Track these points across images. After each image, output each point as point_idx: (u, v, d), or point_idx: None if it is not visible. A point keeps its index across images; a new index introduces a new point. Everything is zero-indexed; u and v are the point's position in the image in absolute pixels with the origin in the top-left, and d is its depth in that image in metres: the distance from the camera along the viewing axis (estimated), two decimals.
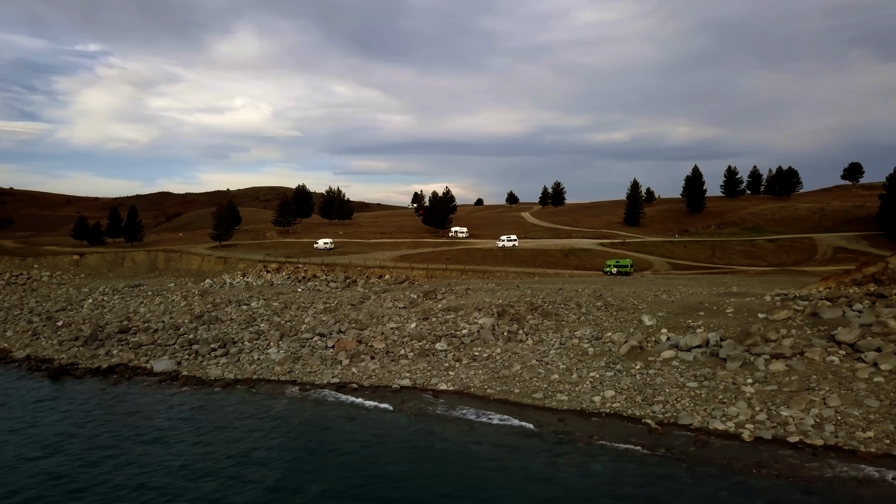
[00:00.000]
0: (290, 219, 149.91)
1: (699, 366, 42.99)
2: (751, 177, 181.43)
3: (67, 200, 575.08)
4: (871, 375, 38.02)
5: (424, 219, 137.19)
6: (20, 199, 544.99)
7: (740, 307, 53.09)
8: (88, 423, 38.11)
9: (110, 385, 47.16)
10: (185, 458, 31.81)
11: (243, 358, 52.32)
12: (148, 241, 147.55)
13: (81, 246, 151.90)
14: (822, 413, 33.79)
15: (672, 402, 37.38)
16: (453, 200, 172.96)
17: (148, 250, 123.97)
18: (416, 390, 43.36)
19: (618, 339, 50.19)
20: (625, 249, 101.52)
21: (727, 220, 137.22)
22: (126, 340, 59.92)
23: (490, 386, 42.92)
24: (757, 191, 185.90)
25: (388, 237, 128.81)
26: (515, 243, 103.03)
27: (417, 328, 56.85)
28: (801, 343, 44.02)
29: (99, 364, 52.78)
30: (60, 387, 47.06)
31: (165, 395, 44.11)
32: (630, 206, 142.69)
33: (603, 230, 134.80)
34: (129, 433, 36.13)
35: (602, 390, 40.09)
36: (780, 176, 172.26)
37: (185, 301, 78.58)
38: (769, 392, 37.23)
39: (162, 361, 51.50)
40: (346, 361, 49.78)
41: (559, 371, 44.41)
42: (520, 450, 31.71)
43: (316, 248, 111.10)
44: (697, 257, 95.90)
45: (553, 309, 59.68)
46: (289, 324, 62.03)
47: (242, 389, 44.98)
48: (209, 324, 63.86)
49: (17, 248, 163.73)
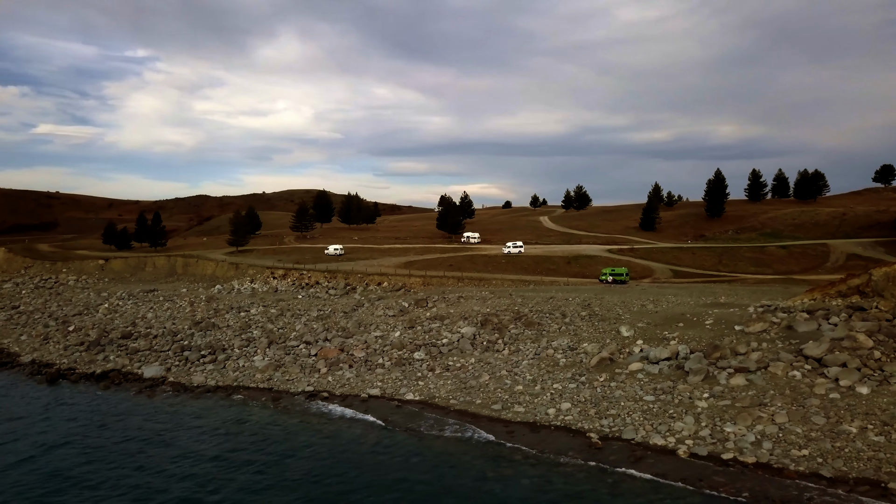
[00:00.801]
0: (308, 224, 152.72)
1: (662, 379, 43.25)
2: (776, 180, 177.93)
3: (110, 203, 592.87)
4: (828, 391, 37.90)
5: (438, 224, 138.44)
6: (65, 203, 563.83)
7: (720, 318, 52.98)
8: (55, 425, 40.34)
9: (100, 390, 49.38)
10: (108, 462, 33.71)
11: (229, 365, 54.13)
12: (172, 246, 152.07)
13: (109, 250, 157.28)
14: (766, 430, 33.88)
15: (623, 415, 37.79)
16: (471, 205, 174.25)
17: (168, 255, 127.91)
18: (384, 400, 44.48)
19: (591, 350, 50.65)
20: (631, 256, 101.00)
21: (746, 225, 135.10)
22: (126, 346, 62.40)
23: (454, 396, 43.83)
24: (784, 194, 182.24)
25: (400, 242, 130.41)
26: (521, 250, 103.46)
27: (401, 337, 58.04)
28: (768, 357, 43.92)
29: (94, 369, 55.20)
30: (53, 391, 49.48)
31: (144, 400, 46.07)
32: (646, 210, 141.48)
33: (617, 235, 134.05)
34: (83, 435, 38.22)
35: (559, 402, 40.67)
36: (805, 179, 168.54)
37: (191, 307, 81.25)
38: (721, 407, 37.38)
39: (152, 367, 53.67)
40: (325, 370, 51.22)
41: (524, 382, 45.10)
42: (455, 461, 32.56)
43: (326, 253, 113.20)
44: (703, 265, 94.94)
45: (537, 318, 60.25)
46: (281, 331, 63.86)
47: (219, 396, 46.69)
48: (206, 330, 66.09)
49: (51, 251, 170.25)
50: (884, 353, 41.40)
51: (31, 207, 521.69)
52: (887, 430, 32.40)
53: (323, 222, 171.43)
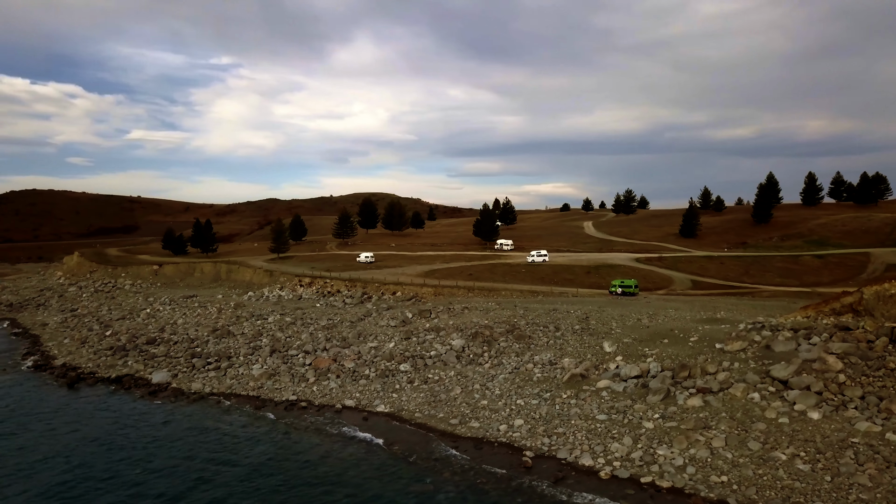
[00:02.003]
0: (349, 231, 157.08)
1: (624, 397, 43.68)
2: (833, 183, 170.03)
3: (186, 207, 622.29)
4: (778, 416, 37.63)
5: (474, 231, 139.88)
6: (146, 206, 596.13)
7: (706, 335, 52.64)
8: (53, 427, 44.47)
9: (108, 394, 53.64)
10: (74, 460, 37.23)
11: (230, 372, 57.51)
12: (222, 252, 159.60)
13: (167, 255, 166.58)
14: (697, 454, 34.11)
15: (568, 434, 38.58)
16: (512, 211, 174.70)
17: (214, 261, 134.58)
18: (356, 411, 46.58)
19: (568, 366, 51.29)
20: (657, 265, 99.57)
21: (792, 232, 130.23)
22: (147, 351, 67.00)
23: (420, 410, 45.49)
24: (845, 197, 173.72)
25: (434, 249, 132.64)
26: (546, 258, 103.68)
27: (395, 348, 60.07)
28: (734, 378, 43.64)
29: (111, 374, 59.85)
30: (67, 394, 54.02)
31: (140, 405, 49.83)
32: (687, 217, 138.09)
33: (654, 242, 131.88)
34: (71, 434, 42.10)
35: (514, 419, 41.73)
36: (864, 182, 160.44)
37: (218, 313, 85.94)
38: (666, 429, 37.67)
39: (160, 373, 57.70)
40: (313, 379, 53.83)
41: (491, 397, 46.31)
42: (381, 475, 34.26)
43: (358, 261, 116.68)
44: (728, 275, 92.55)
45: (530, 331, 61.13)
46: (287, 339, 67.03)
47: (209, 403, 49.88)
48: (221, 337, 70.12)
49: (117, 256, 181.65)
50: (849, 377, 40.58)
51: (115, 211, 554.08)
52: (818, 458, 32.17)
53: (368, 228, 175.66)
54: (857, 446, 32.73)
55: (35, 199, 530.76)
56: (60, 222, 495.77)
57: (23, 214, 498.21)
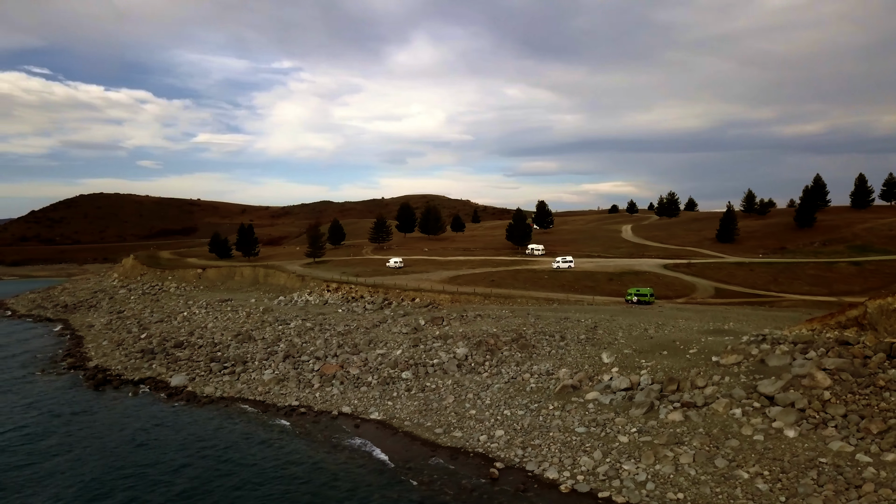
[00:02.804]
0: (385, 235, 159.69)
1: (608, 410, 44.04)
2: (886, 185, 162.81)
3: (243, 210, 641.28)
4: (755, 432, 37.47)
5: (507, 235, 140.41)
6: (205, 209, 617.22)
7: (705, 348, 52.32)
8: (67, 424, 47.78)
9: (127, 396, 56.92)
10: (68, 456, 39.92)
11: (242, 377, 60.12)
12: (264, 255, 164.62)
13: (213, 258, 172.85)
14: (662, 470, 34.38)
15: (543, 446, 39.25)
16: (548, 214, 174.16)
17: (254, 265, 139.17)
18: (350, 417, 48.28)
19: (563, 377, 51.80)
20: (684, 272, 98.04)
21: (835, 237, 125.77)
22: (172, 355, 70.44)
23: (410, 418, 46.84)
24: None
25: (465, 254, 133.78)
26: (571, 264, 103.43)
27: (401, 355, 61.54)
28: (721, 392, 43.46)
29: (135, 376, 63.34)
30: (93, 395, 57.55)
31: (155, 406, 52.84)
32: (724, 221, 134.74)
33: (689, 248, 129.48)
34: (78, 431, 45.17)
35: (495, 429, 42.67)
36: None
37: (247, 318, 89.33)
38: (639, 443, 37.97)
39: (179, 377, 60.81)
40: (317, 385, 55.87)
41: (480, 407, 47.27)
42: (349, 482, 35.82)
43: (388, 266, 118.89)
44: (755, 283, 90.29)
45: (535, 340, 61.73)
46: (303, 345, 69.34)
47: (216, 406, 52.41)
48: (242, 342, 73.12)
49: (168, 259, 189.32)
50: (835, 395, 39.97)
51: (176, 214, 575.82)
52: (780, 478, 32.08)
53: (406, 232, 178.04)
54: (824, 466, 32.47)
55: (101, 203, 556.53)
56: (125, 224, 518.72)
57: (90, 217, 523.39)
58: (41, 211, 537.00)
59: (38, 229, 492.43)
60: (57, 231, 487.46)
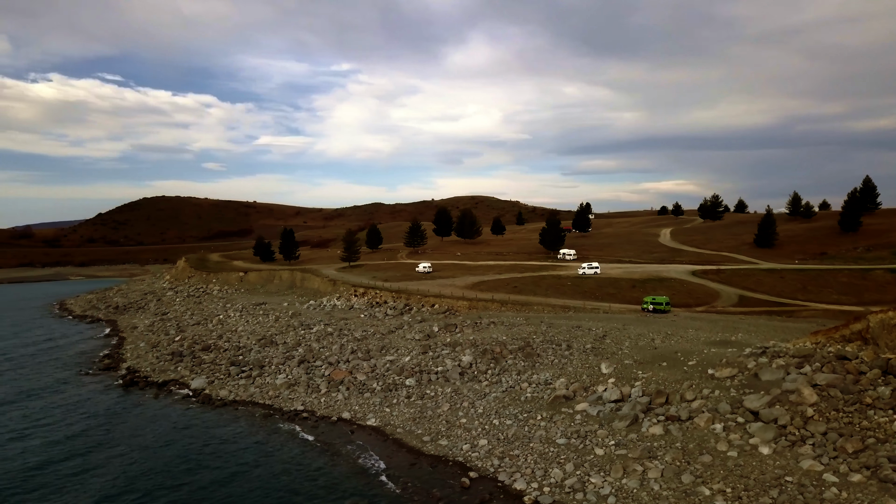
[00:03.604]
0: (419, 240, 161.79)
1: (593, 422, 44.56)
2: None
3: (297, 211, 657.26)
4: (729, 448, 37.51)
5: (540, 239, 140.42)
6: (260, 211, 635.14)
7: (704, 360, 52.13)
8: (77, 420, 51.31)
9: (150, 397, 60.21)
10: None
11: (257, 381, 62.71)
12: (304, 258, 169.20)
13: (256, 262, 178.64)
14: (627, 484, 34.83)
15: (521, 456, 40.05)
16: (587, 218, 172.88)
17: (292, 269, 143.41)
18: (348, 423, 50.04)
19: (559, 387, 52.46)
20: (712, 279, 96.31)
21: (881, 242, 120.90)
22: (198, 358, 73.94)
23: (404, 425, 48.32)
24: None
25: (497, 258, 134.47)
26: (597, 271, 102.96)
27: (409, 362, 63.19)
28: (707, 406, 43.50)
29: (160, 378, 66.87)
30: (118, 396, 61.16)
31: (170, 408, 55.89)
32: (762, 226, 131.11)
33: (724, 253, 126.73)
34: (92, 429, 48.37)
35: (479, 439, 43.74)
36: None
37: (275, 322, 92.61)
38: (614, 456, 38.43)
39: (199, 379, 63.98)
40: (324, 390, 57.98)
41: (471, 416, 48.35)
42: (325, 485, 37.54)
43: (417, 271, 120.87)
44: (782, 291, 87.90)
45: (542, 349, 62.42)
46: (320, 350, 71.77)
47: (227, 410, 54.99)
48: (264, 346, 76.12)
49: (216, 262, 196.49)
50: (819, 412, 39.62)
51: (233, 216, 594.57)
52: (741, 496, 32.18)
53: (443, 236, 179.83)
54: (787, 485, 32.44)
55: (163, 205, 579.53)
56: (184, 226, 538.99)
57: (153, 219, 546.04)
58: (107, 213, 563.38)
59: (104, 231, 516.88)
60: (121, 233, 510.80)
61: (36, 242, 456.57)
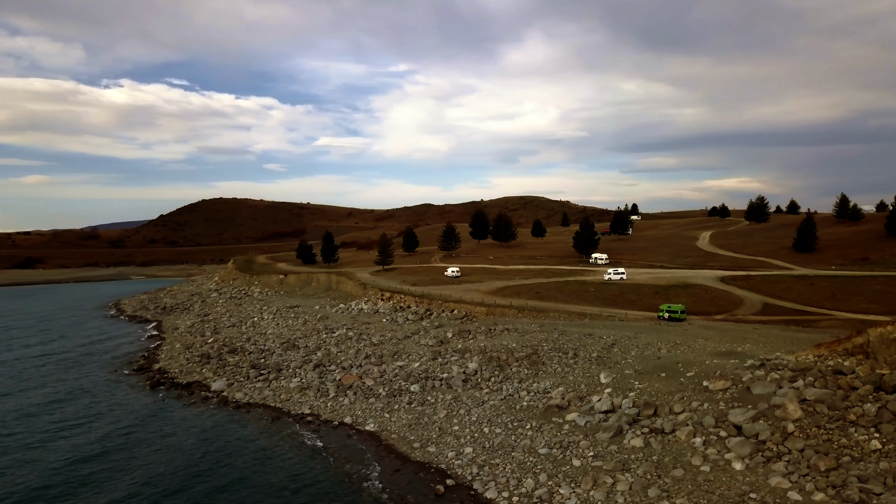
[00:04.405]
0: (454, 244, 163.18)
1: (578, 432, 45.17)
2: None
3: (349, 213, 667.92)
4: (702, 463, 37.69)
5: (574, 243, 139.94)
6: (313, 212, 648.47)
7: (703, 371, 51.99)
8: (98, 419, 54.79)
9: (172, 399, 63.51)
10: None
11: (273, 384, 65.32)
12: (344, 261, 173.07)
13: (299, 264, 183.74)
14: (593, 496, 35.44)
15: (500, 465, 41.00)
16: (625, 221, 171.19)
17: (329, 272, 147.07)
18: (348, 427, 51.78)
19: (555, 396, 53.19)
20: (740, 285, 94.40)
21: None
22: (224, 360, 77.29)
23: (399, 431, 49.80)
24: None
25: (528, 262, 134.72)
26: (623, 276, 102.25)
27: (417, 368, 64.74)
28: (692, 419, 43.66)
29: (184, 380, 70.29)
30: (143, 396, 64.71)
31: (187, 409, 58.87)
32: (801, 229, 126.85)
33: (759, 258, 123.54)
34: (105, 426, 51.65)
35: (465, 447, 44.96)
36: None
37: (303, 326, 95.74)
38: (590, 467, 39.05)
39: (219, 382, 67.06)
40: (332, 395, 60.05)
41: (463, 423, 49.45)
42: (309, 487, 39.46)
43: (445, 275, 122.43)
44: (809, 299, 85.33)
45: (547, 357, 63.07)
46: (339, 354, 74.09)
47: (240, 412, 57.57)
48: (286, 350, 79.00)
49: (261, 264, 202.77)
50: (800, 428, 39.40)
51: (287, 217, 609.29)
52: None
53: (480, 239, 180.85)
54: (750, 503, 32.68)
55: (221, 207, 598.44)
56: (241, 227, 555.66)
57: (210, 221, 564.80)
58: (168, 215, 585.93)
59: (164, 232, 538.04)
60: (181, 234, 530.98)
61: (101, 243, 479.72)
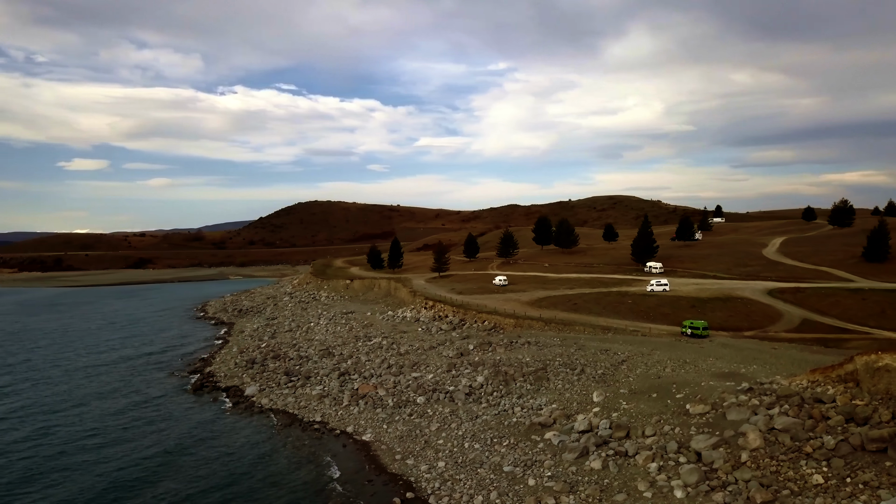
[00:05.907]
0: (511, 249, 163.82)
1: (548, 452, 46.64)
2: None
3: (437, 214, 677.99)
4: (647, 489, 38.51)
5: (632, 251, 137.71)
6: (402, 214, 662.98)
7: (691, 394, 52.02)
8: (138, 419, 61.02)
9: (209, 401, 69.33)
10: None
11: (298, 392, 69.80)
12: (410, 266, 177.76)
13: (368, 268, 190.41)
14: None
15: (462, 481, 43.12)
16: (690, 226, 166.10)
17: (389, 278, 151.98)
18: (347, 436, 55.14)
19: (544, 413, 54.72)
20: (786, 298, 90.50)
21: None
22: (265, 366, 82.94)
23: (391, 442, 52.59)
24: None
25: (582, 271, 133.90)
26: (665, 288, 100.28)
27: (430, 379, 67.49)
28: (658, 443, 44.29)
29: (225, 384, 76.38)
30: (185, 399, 70.77)
31: (213, 412, 64.40)
32: (872, 237, 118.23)
33: (822, 268, 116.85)
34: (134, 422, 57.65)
35: (439, 461, 47.43)
36: None
37: (348, 332, 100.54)
38: (541, 487, 40.77)
39: (252, 387, 72.47)
40: (345, 403, 63.92)
41: (450, 437, 51.77)
42: (288, 488, 43.37)
43: (494, 283, 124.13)
44: (853, 316, 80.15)
45: (553, 373, 64.37)
46: (368, 363, 77.90)
47: (262, 417, 62.07)
48: (322, 357, 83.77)
49: (337, 268, 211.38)
50: (753, 458, 39.53)
51: (377, 219, 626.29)
52: None
53: (543, 245, 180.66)
54: None
55: (315, 210, 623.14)
56: (333, 229, 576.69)
57: (305, 223, 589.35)
58: (266, 217, 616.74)
59: (262, 234, 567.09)
60: (277, 235, 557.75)
61: (205, 244, 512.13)
